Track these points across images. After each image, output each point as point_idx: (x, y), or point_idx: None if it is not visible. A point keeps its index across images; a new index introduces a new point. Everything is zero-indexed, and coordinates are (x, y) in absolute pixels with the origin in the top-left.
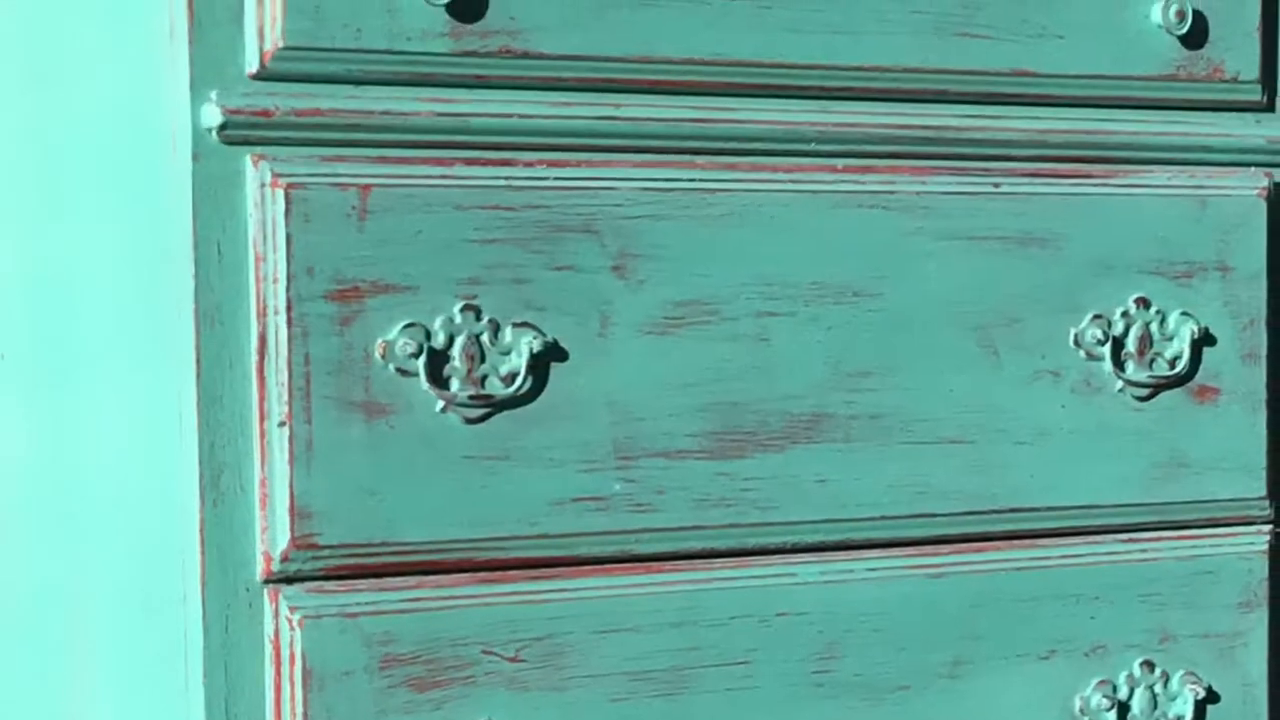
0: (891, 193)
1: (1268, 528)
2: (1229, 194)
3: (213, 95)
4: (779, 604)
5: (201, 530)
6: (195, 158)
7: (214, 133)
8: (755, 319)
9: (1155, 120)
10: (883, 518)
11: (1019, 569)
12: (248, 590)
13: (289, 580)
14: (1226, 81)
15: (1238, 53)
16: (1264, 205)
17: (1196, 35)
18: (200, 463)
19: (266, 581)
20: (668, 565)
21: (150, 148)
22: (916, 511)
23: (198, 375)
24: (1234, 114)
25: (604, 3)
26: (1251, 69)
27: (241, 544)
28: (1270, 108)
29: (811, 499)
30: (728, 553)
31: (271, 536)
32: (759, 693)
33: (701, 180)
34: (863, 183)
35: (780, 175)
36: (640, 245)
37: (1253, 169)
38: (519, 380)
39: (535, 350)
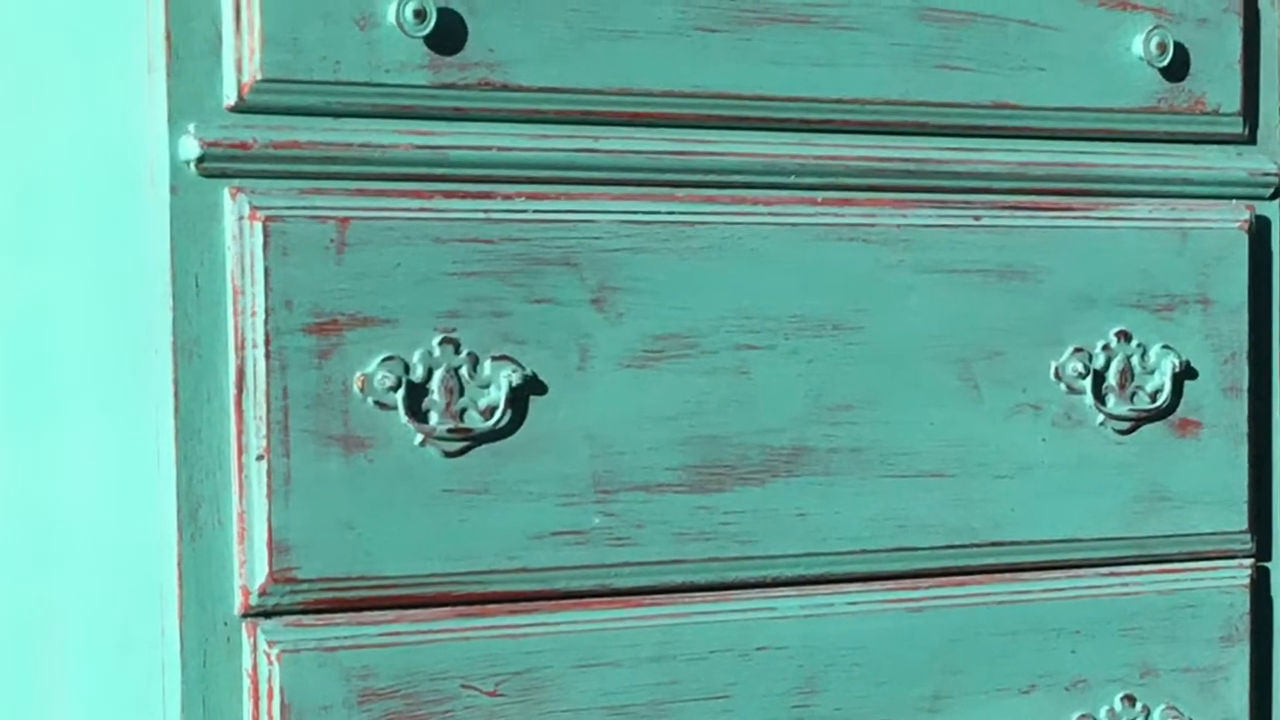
0: (872, 225)
1: (1249, 561)
2: (1210, 227)
3: (190, 128)
4: (758, 638)
5: (179, 564)
6: (173, 190)
7: (192, 165)
8: (735, 352)
9: (1136, 153)
10: (862, 551)
11: (999, 603)
12: (226, 624)
13: (267, 614)
14: (1208, 114)
15: (1219, 85)
16: (1245, 238)
17: (1177, 68)
18: (178, 496)
19: (245, 615)
20: (646, 599)
21: (128, 181)
22: (896, 545)
23: (175, 409)
24: (1215, 146)
25: (583, 35)
26: (1233, 101)
27: (219, 578)
28: (1251, 140)
29: (791, 533)
30: (707, 586)
31: (250, 570)
32: None
33: (681, 213)
34: (843, 215)
35: (760, 208)
36: (619, 278)
37: (1234, 202)
38: (498, 413)
39: (514, 383)
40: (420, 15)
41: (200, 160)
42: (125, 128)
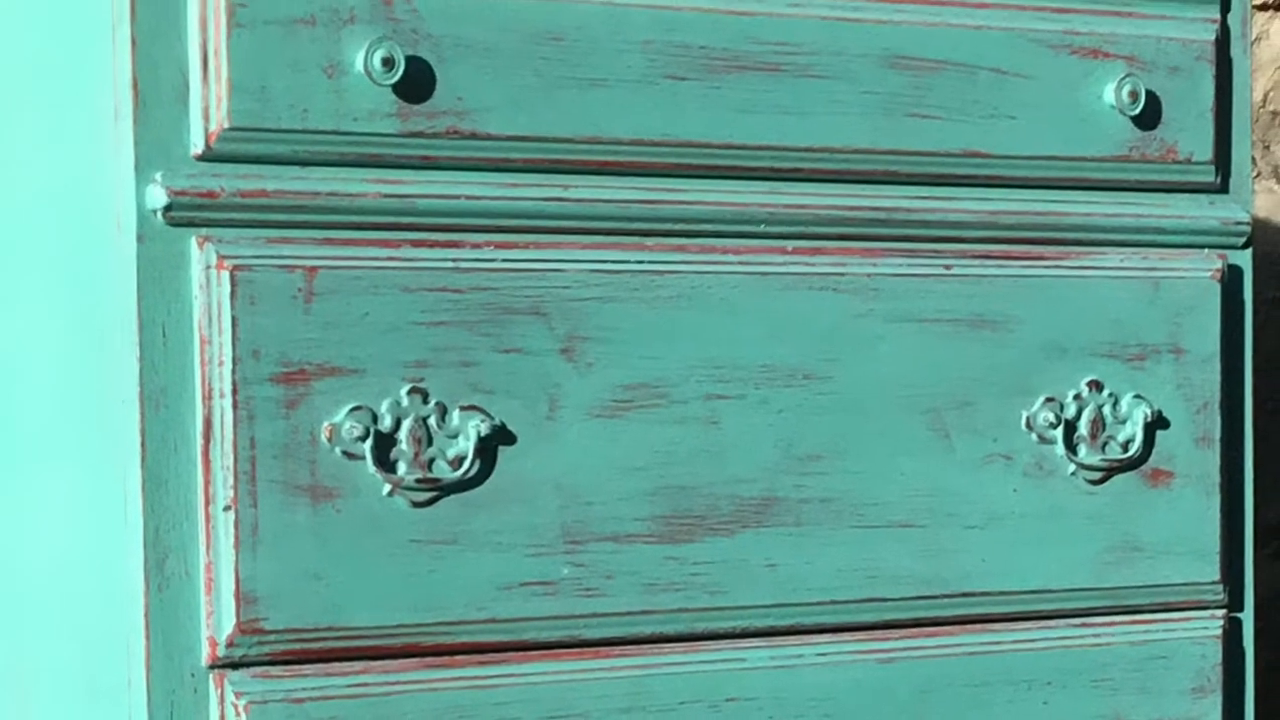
0: (842, 275)
1: (1221, 612)
2: (1182, 276)
3: (157, 176)
4: (728, 689)
5: (146, 615)
6: (140, 239)
7: (159, 214)
8: (704, 402)
9: (1108, 202)
10: (832, 602)
11: (970, 654)
12: (193, 676)
13: (235, 665)
14: (1180, 163)
15: (1191, 134)
16: (1218, 287)
17: (1150, 116)
18: (145, 547)
19: (212, 666)
20: (616, 650)
21: (96, 229)
22: (866, 596)
23: (142, 459)
24: (1187, 195)
25: (552, 83)
26: (1205, 150)
27: (187, 629)
28: (1224, 189)
29: (761, 583)
30: (676, 637)
31: (217, 621)
32: None
33: (651, 262)
34: (813, 265)
35: (730, 257)
36: (589, 327)
37: (1206, 251)
38: (466, 464)
39: (483, 433)
40: (389, 63)
41: (167, 209)
42: (93, 176)
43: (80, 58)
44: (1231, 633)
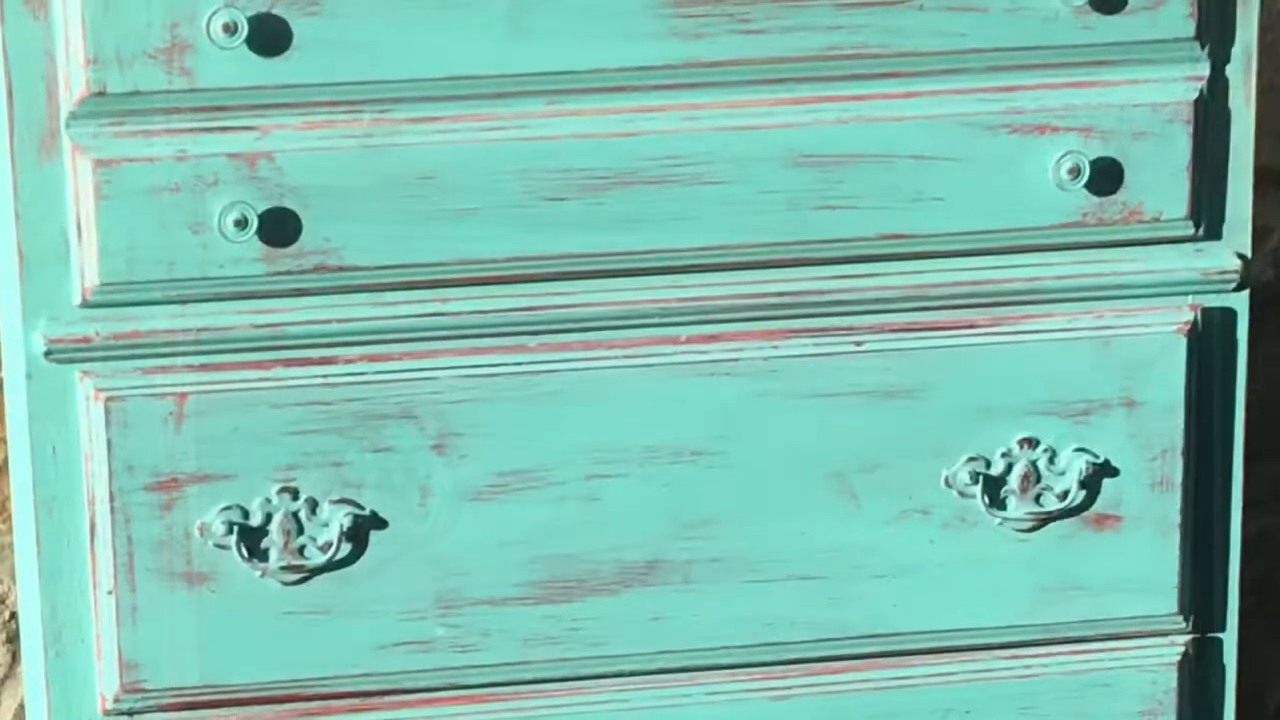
0: (737, 360)
1: (1184, 639)
2: (1138, 333)
3: (40, 324)
4: None
5: (46, 676)
6: (29, 376)
7: (42, 356)
8: (585, 482)
9: (1061, 262)
10: (725, 647)
11: (876, 688)
12: None
13: (127, 714)
14: (1146, 222)
15: (1160, 192)
16: (1182, 340)
17: (1107, 183)
18: (43, 621)
19: (106, 716)
20: (494, 694)
21: (9, 365)
22: (763, 641)
23: (38, 551)
24: (1170, 246)
25: (423, 217)
26: (1178, 207)
27: (82, 687)
28: (1214, 236)
29: (646, 635)
30: (560, 679)
31: (106, 681)
32: None
33: (529, 363)
34: (706, 352)
35: (615, 351)
36: (460, 425)
37: (1180, 303)
38: (334, 548)
39: (346, 525)
40: (241, 224)
41: (47, 354)
42: (7, 321)
43: None
44: (1198, 655)
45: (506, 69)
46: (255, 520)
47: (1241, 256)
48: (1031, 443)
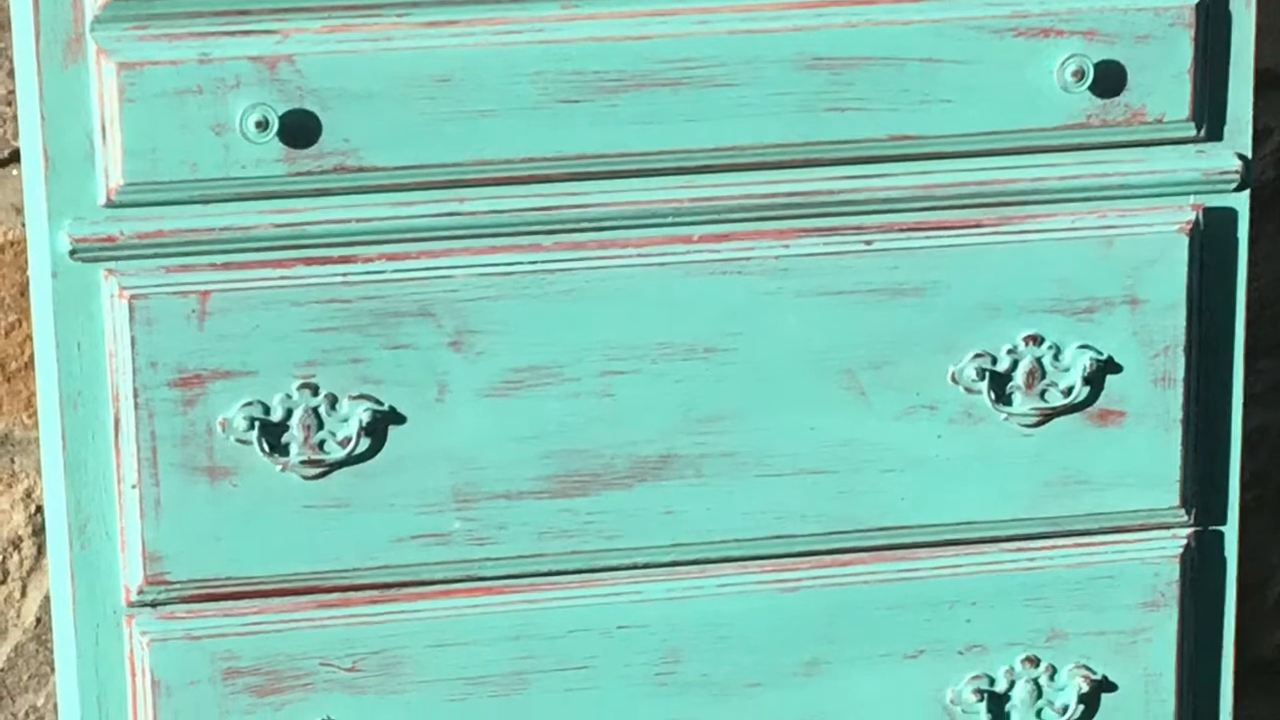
0: (748, 259)
1: (1185, 531)
2: (1141, 232)
3: (66, 224)
4: (620, 619)
5: (71, 568)
6: (54, 275)
7: (68, 255)
8: (598, 378)
9: (1066, 163)
10: (736, 540)
11: (884, 581)
12: (114, 613)
13: (149, 606)
14: (1149, 123)
15: (1162, 95)
16: (1184, 240)
17: (1111, 84)
18: (68, 514)
19: (130, 606)
20: (509, 586)
21: (36, 265)
22: (773, 534)
23: (64, 446)
24: (1168, 148)
25: (440, 119)
26: (1180, 109)
27: (106, 579)
28: (1216, 138)
29: (659, 528)
30: (573, 572)
31: (130, 573)
32: (599, 692)
33: (544, 262)
34: (718, 251)
35: (629, 250)
36: (477, 323)
37: (1182, 203)
38: (354, 443)
39: (365, 420)
40: (262, 125)
41: (73, 252)
42: (34, 221)
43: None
44: (1200, 547)
45: None
46: (276, 416)
47: (1242, 157)
48: (1036, 339)
